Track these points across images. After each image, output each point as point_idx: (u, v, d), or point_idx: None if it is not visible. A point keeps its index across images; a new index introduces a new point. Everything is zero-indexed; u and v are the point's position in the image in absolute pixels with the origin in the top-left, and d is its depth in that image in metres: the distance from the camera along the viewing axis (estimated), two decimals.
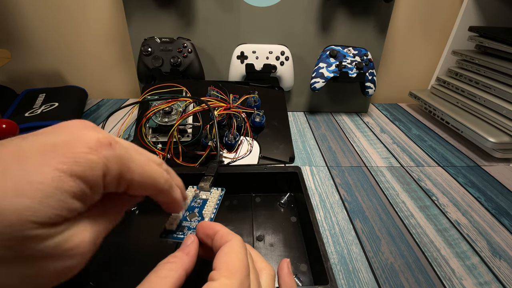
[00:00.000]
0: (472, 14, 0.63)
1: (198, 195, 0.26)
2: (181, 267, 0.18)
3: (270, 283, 0.19)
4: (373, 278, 0.29)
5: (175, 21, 0.59)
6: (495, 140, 0.48)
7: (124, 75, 0.73)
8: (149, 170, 0.17)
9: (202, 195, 0.26)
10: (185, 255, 0.19)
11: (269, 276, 0.20)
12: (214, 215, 0.24)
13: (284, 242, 0.31)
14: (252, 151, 0.45)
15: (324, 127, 0.60)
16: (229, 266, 0.17)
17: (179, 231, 0.23)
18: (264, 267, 0.20)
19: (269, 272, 0.20)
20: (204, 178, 0.28)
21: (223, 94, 0.47)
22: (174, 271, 0.17)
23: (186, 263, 0.18)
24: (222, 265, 0.17)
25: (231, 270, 0.17)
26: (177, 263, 0.18)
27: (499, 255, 0.32)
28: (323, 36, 0.61)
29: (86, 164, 0.14)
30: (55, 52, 0.69)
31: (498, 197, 0.41)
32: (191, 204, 0.25)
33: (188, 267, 0.18)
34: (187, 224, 0.24)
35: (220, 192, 0.27)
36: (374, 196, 0.41)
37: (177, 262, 0.18)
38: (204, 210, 0.25)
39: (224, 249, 0.18)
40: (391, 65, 0.74)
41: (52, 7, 0.63)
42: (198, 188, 0.27)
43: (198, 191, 0.27)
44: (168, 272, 0.17)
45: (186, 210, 0.25)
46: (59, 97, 0.59)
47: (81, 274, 0.21)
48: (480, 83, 0.56)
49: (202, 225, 0.21)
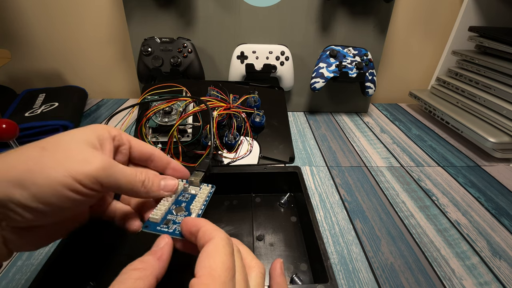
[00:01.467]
0: (472, 14, 0.63)
1: (187, 190, 0.25)
2: (151, 275, 0.16)
3: (259, 282, 0.18)
4: (373, 278, 0.29)
5: (175, 21, 0.59)
6: (495, 140, 0.48)
7: (124, 75, 0.73)
8: (145, 144, 0.23)
9: (191, 190, 0.25)
10: (156, 259, 0.17)
11: (259, 274, 0.19)
12: (202, 212, 0.23)
13: (284, 242, 0.31)
14: (252, 151, 0.45)
15: (324, 127, 0.60)
16: (211, 271, 0.15)
17: (164, 224, 0.21)
18: (254, 265, 0.19)
19: (259, 270, 0.19)
20: (195, 173, 0.27)
21: (223, 94, 0.47)
22: (142, 281, 0.15)
23: (156, 269, 0.17)
24: (203, 272, 0.15)
25: (213, 277, 0.15)
26: (147, 270, 0.16)
27: (499, 255, 0.32)
28: (323, 36, 0.61)
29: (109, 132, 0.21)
30: (55, 52, 0.69)
31: (498, 197, 0.41)
32: (178, 198, 0.24)
33: (159, 273, 0.17)
34: (172, 218, 0.22)
35: (210, 189, 0.26)
36: (374, 196, 0.41)
37: (147, 269, 0.16)
38: (192, 206, 0.23)
39: (207, 249, 0.16)
40: (391, 65, 0.74)
41: (52, 7, 0.63)
42: (188, 183, 0.25)
43: (187, 185, 0.25)
44: (136, 283, 0.15)
45: (173, 203, 0.23)
46: (59, 97, 0.59)
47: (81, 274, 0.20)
48: (480, 83, 0.56)
49: (186, 222, 0.20)
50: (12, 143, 0.40)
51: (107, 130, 0.21)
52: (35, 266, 0.29)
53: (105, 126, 0.21)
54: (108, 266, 0.28)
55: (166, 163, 0.24)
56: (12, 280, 0.28)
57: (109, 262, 0.29)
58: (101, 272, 0.28)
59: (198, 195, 0.25)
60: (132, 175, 0.20)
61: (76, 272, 0.27)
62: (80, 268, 0.28)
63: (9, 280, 0.28)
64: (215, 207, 0.36)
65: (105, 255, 0.29)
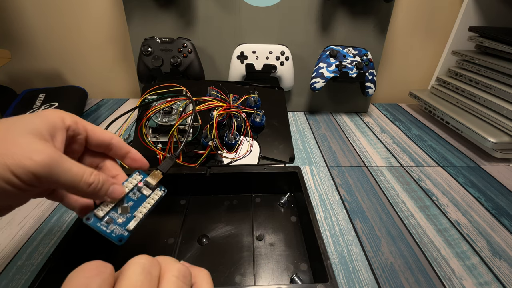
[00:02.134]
0: (472, 14, 0.63)
1: (140, 188, 0.24)
2: None
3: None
4: (373, 278, 0.29)
5: (175, 21, 0.59)
6: (495, 140, 0.48)
7: (124, 75, 0.73)
8: (103, 132, 0.23)
9: (143, 190, 0.24)
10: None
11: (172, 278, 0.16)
12: (144, 218, 0.23)
13: (284, 242, 0.31)
14: (252, 151, 0.45)
15: (324, 127, 0.60)
16: None
17: (105, 222, 0.21)
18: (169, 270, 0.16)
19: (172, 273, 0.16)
20: (154, 173, 0.25)
21: (223, 94, 0.47)
22: None
23: None
24: None
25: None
26: None
27: (499, 255, 0.32)
28: (323, 36, 0.61)
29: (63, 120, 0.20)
30: (55, 52, 0.69)
31: (498, 197, 0.41)
32: (129, 194, 0.23)
33: None
34: (114, 217, 0.22)
35: (161, 194, 0.24)
36: (374, 196, 0.41)
37: None
38: (138, 210, 0.23)
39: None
40: (391, 65, 0.74)
41: (52, 7, 0.63)
42: (143, 182, 0.24)
43: (141, 184, 0.24)
44: None
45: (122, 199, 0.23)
46: (59, 97, 0.59)
47: None
48: (480, 83, 0.56)
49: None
50: None
51: (61, 118, 0.20)
52: (35, 266, 0.29)
53: (59, 113, 0.20)
54: None
55: (125, 152, 0.24)
56: (12, 280, 0.28)
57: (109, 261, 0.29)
58: None
59: (148, 199, 0.24)
60: (78, 175, 0.19)
61: None
62: None
63: (9, 280, 0.28)
64: (215, 207, 0.36)
65: (104, 255, 0.29)
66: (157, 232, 0.32)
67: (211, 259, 0.29)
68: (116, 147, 0.23)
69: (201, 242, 0.31)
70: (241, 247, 0.31)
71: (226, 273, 0.28)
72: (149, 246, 0.31)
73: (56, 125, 0.19)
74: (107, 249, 0.30)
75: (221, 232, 0.32)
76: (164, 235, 0.32)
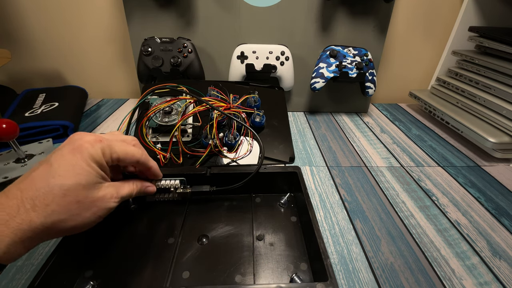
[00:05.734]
0: (472, 14, 0.63)
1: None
2: None
3: None
4: (373, 278, 0.29)
5: (175, 21, 0.59)
6: (495, 140, 0.48)
7: (124, 75, 0.73)
8: (125, 149, 0.26)
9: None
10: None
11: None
12: None
13: (284, 242, 0.31)
14: (252, 151, 0.45)
15: (324, 127, 0.60)
16: None
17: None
18: None
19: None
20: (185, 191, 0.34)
21: (223, 94, 0.47)
22: None
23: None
24: None
25: None
26: None
27: (499, 255, 0.32)
28: (323, 36, 0.61)
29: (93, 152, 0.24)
30: (55, 52, 0.69)
31: (498, 197, 0.41)
32: None
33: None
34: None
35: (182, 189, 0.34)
36: (374, 196, 0.41)
37: None
38: None
39: None
40: (391, 65, 0.74)
41: (52, 7, 0.63)
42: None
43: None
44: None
45: None
46: (59, 97, 0.59)
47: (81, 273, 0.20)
48: (480, 83, 0.56)
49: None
50: (12, 143, 0.40)
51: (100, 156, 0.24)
52: (35, 266, 0.29)
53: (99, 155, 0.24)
54: (107, 265, 0.28)
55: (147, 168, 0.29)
56: (12, 280, 0.28)
57: (109, 262, 0.29)
58: (101, 271, 0.28)
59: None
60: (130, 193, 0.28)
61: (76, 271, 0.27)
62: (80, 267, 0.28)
63: (9, 279, 0.28)
64: (215, 207, 0.36)
65: (105, 254, 0.29)
66: (157, 232, 0.32)
67: (211, 259, 0.29)
68: (140, 165, 0.28)
69: (201, 242, 0.31)
70: (241, 247, 0.31)
71: (226, 273, 0.28)
72: (149, 246, 0.31)
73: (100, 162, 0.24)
74: (107, 250, 0.30)
75: (221, 232, 0.32)
76: (164, 235, 0.32)
